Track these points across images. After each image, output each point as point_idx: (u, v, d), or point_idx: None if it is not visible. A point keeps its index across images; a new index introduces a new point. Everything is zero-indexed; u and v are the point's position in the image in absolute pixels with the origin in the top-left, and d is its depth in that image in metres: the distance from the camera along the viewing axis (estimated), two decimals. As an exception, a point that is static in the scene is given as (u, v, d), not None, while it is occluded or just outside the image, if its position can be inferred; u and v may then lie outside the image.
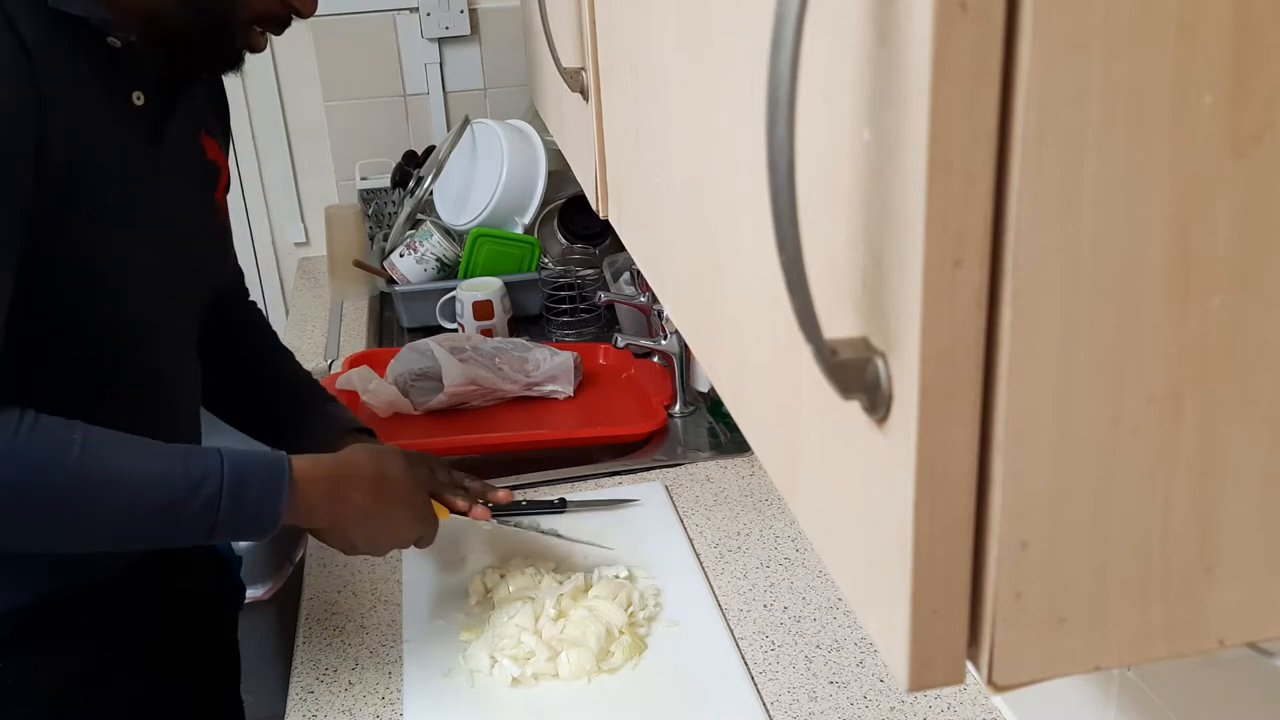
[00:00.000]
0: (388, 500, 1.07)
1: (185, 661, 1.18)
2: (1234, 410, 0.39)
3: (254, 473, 0.96)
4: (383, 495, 1.07)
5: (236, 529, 0.96)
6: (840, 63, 0.38)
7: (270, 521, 0.96)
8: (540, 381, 1.70)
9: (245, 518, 0.95)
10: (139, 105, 0.97)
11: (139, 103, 0.97)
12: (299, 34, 2.30)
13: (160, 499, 0.92)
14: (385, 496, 1.07)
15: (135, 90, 0.96)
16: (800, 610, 1.24)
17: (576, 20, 0.93)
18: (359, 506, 1.05)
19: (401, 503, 1.09)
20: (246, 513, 0.95)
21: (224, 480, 0.93)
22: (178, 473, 0.92)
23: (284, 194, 2.42)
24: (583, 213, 2.09)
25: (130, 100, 0.96)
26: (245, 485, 0.94)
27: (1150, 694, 0.86)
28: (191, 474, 0.92)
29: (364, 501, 1.05)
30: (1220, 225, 0.36)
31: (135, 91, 0.96)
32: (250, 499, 0.95)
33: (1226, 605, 0.41)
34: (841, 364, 0.39)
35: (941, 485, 0.38)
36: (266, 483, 0.97)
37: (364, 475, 1.06)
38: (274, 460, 0.99)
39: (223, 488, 0.93)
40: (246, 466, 0.96)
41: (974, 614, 0.40)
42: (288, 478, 0.98)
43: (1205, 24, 0.34)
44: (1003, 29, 0.33)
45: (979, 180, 0.35)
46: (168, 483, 0.92)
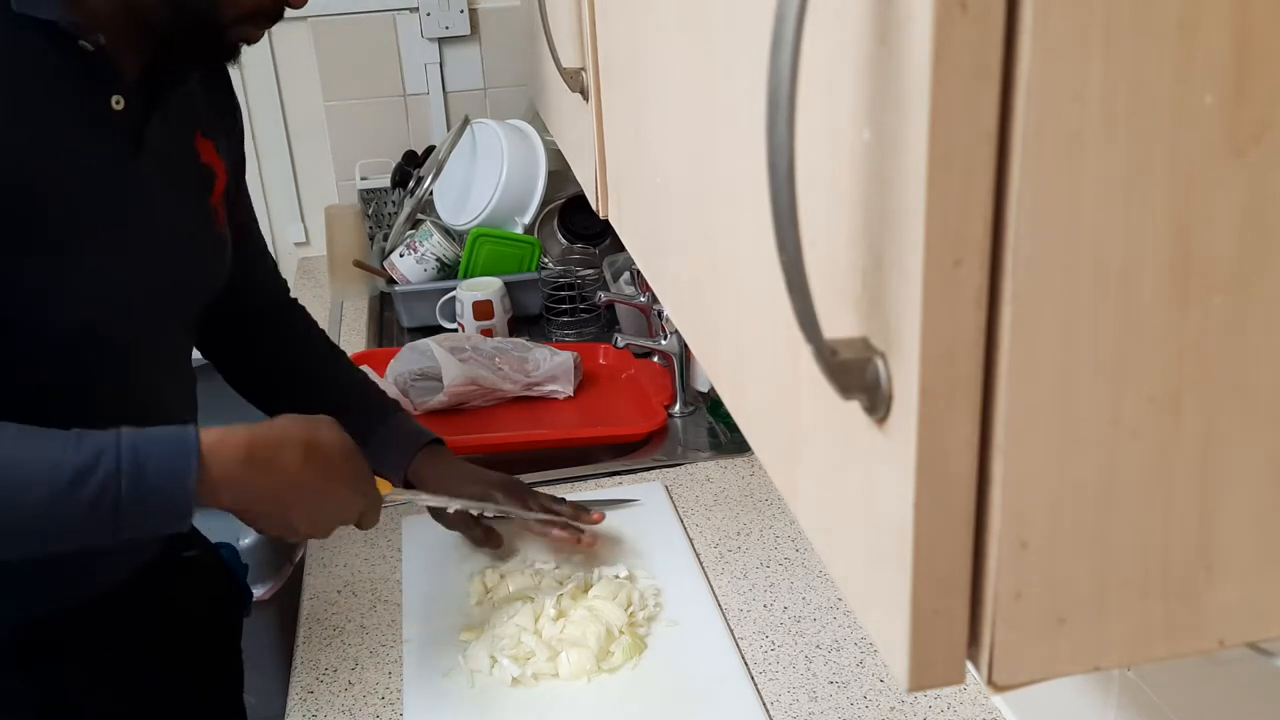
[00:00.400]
0: (320, 470, 0.95)
1: (185, 671, 1.17)
2: (1234, 410, 0.39)
3: (155, 449, 0.85)
4: (314, 464, 0.94)
5: (144, 516, 0.84)
6: (840, 62, 0.38)
7: (181, 502, 0.85)
8: (540, 381, 1.70)
9: (149, 502, 0.84)
10: (118, 109, 0.93)
11: (118, 107, 0.93)
12: (299, 34, 2.30)
13: (44, 487, 0.81)
14: (317, 466, 0.95)
15: (114, 94, 0.93)
16: (800, 610, 1.24)
17: (576, 20, 0.93)
18: (287, 478, 0.92)
19: (337, 473, 0.97)
20: (150, 496, 0.84)
21: (120, 460, 0.83)
22: (67, 456, 0.82)
23: (284, 194, 2.42)
24: (583, 212, 2.09)
25: (109, 105, 0.92)
26: (145, 464, 0.84)
27: (1150, 694, 0.86)
28: (83, 454, 0.82)
29: (293, 471, 0.92)
30: (1220, 225, 0.36)
31: (114, 96, 0.93)
32: (152, 479, 0.84)
33: (1226, 605, 0.41)
34: (841, 364, 0.39)
35: (941, 485, 0.38)
36: (171, 457, 0.85)
37: (289, 441, 0.93)
38: (176, 433, 0.87)
39: (120, 468, 0.83)
40: (146, 441, 0.85)
41: (974, 614, 0.40)
42: (194, 448, 0.86)
43: (1205, 24, 0.34)
44: (1003, 28, 0.33)
45: (979, 180, 0.35)
46: (54, 468, 0.82)
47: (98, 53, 0.89)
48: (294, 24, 2.30)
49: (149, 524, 0.86)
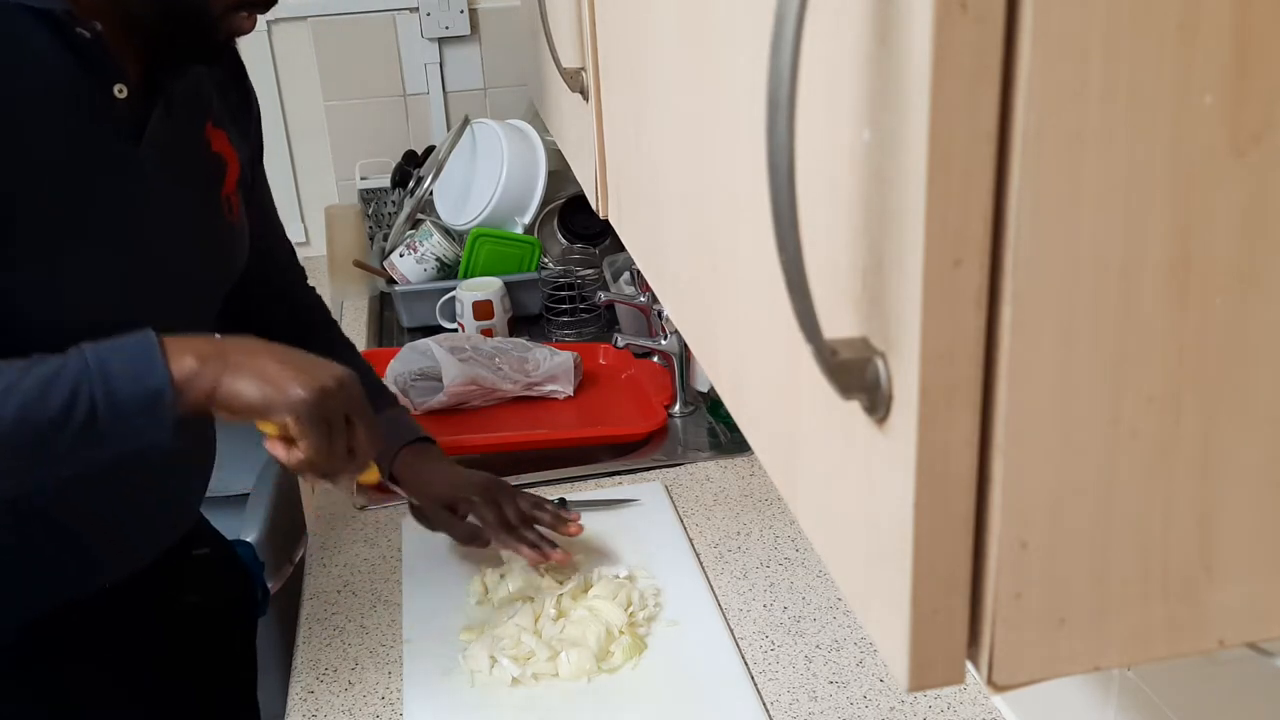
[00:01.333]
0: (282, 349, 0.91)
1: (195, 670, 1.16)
2: (1234, 410, 0.39)
3: (115, 350, 0.84)
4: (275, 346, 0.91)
5: (122, 415, 0.83)
6: (840, 62, 0.38)
7: (158, 382, 0.83)
8: (540, 381, 1.70)
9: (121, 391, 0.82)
10: (121, 98, 0.92)
11: (121, 95, 0.92)
12: (299, 34, 2.31)
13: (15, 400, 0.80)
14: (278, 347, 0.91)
15: (117, 83, 0.92)
16: (800, 610, 1.24)
17: (576, 20, 0.93)
18: (254, 348, 0.89)
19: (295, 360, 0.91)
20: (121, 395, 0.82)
21: (88, 362, 0.82)
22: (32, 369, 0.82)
23: (284, 194, 2.42)
24: (583, 212, 2.09)
25: (111, 93, 0.91)
26: (109, 361, 0.83)
27: (1150, 694, 0.86)
28: (49, 364, 0.82)
29: (257, 344, 0.90)
30: (1220, 225, 0.36)
31: (117, 84, 0.92)
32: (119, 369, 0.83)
33: (1226, 605, 0.41)
34: (841, 364, 0.39)
35: (941, 485, 0.38)
36: (132, 350, 0.84)
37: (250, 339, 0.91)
38: (135, 336, 0.86)
39: (88, 366, 0.82)
40: (108, 349, 0.84)
41: (974, 614, 0.40)
42: (153, 337, 0.85)
43: (1205, 23, 0.34)
44: (1003, 29, 0.33)
45: (979, 180, 0.35)
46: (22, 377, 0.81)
47: (95, 40, 0.89)
48: (294, 24, 2.30)
49: (133, 423, 0.84)
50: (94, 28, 0.88)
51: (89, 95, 0.90)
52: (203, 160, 1.05)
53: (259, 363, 0.88)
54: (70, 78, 0.89)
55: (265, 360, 0.88)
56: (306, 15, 2.29)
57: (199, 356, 0.86)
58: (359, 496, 1.48)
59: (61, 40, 0.87)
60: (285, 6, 2.27)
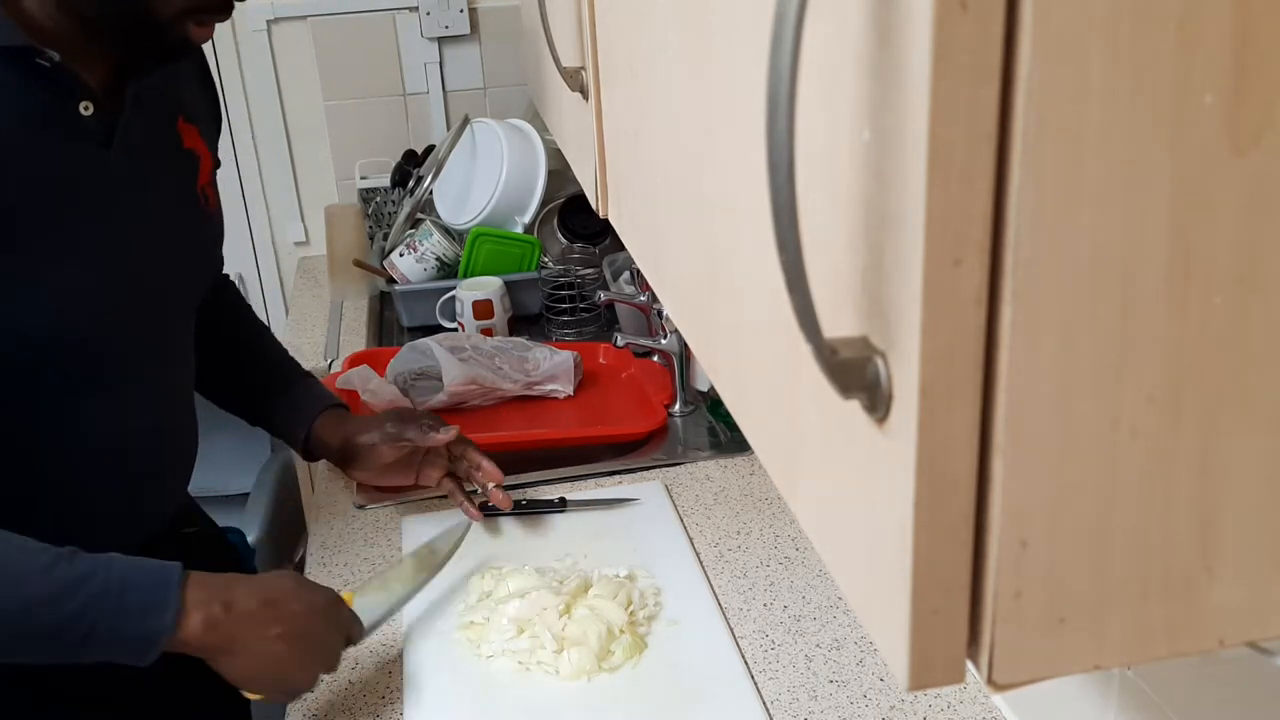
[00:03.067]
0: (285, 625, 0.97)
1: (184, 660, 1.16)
2: (1234, 410, 0.39)
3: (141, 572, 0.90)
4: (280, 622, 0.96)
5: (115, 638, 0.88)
6: (840, 62, 0.38)
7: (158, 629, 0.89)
8: (540, 381, 1.70)
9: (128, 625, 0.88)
10: (88, 115, 0.95)
11: (87, 112, 0.95)
12: (299, 33, 2.31)
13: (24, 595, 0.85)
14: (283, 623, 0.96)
15: (82, 101, 0.94)
16: (800, 609, 1.24)
17: (576, 19, 0.93)
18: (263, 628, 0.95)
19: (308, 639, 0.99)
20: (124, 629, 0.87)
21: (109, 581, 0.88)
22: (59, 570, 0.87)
23: (284, 193, 2.42)
24: (582, 212, 2.09)
25: (78, 112, 0.94)
26: (126, 588, 0.88)
27: (1150, 693, 0.86)
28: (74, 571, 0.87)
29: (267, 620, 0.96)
30: (1220, 224, 0.36)
31: (83, 103, 0.94)
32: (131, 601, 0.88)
33: (1226, 604, 0.41)
34: (841, 363, 0.39)
35: (941, 484, 0.38)
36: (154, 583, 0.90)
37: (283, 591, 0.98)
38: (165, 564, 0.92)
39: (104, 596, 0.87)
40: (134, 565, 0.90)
41: (974, 613, 0.40)
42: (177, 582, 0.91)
43: (1205, 23, 0.34)
44: (1003, 28, 0.33)
45: (979, 180, 0.35)
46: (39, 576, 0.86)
47: (55, 68, 0.91)
48: (294, 23, 2.30)
49: (115, 649, 0.89)
50: (52, 57, 0.90)
51: (57, 117, 0.93)
52: (176, 156, 1.07)
53: (263, 650, 0.95)
54: (37, 105, 0.91)
55: (275, 645, 0.95)
56: (306, 15, 2.29)
57: (208, 623, 0.91)
58: (359, 496, 1.48)
59: (23, 72, 0.90)
60: (285, 6, 2.28)
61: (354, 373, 1.69)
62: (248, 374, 1.31)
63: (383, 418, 1.31)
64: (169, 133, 1.06)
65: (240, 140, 2.36)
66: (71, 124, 0.94)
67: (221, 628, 0.92)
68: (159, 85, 1.03)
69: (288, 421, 1.30)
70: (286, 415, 1.30)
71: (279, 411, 1.30)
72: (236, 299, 1.36)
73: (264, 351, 1.34)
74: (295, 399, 1.31)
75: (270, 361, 1.34)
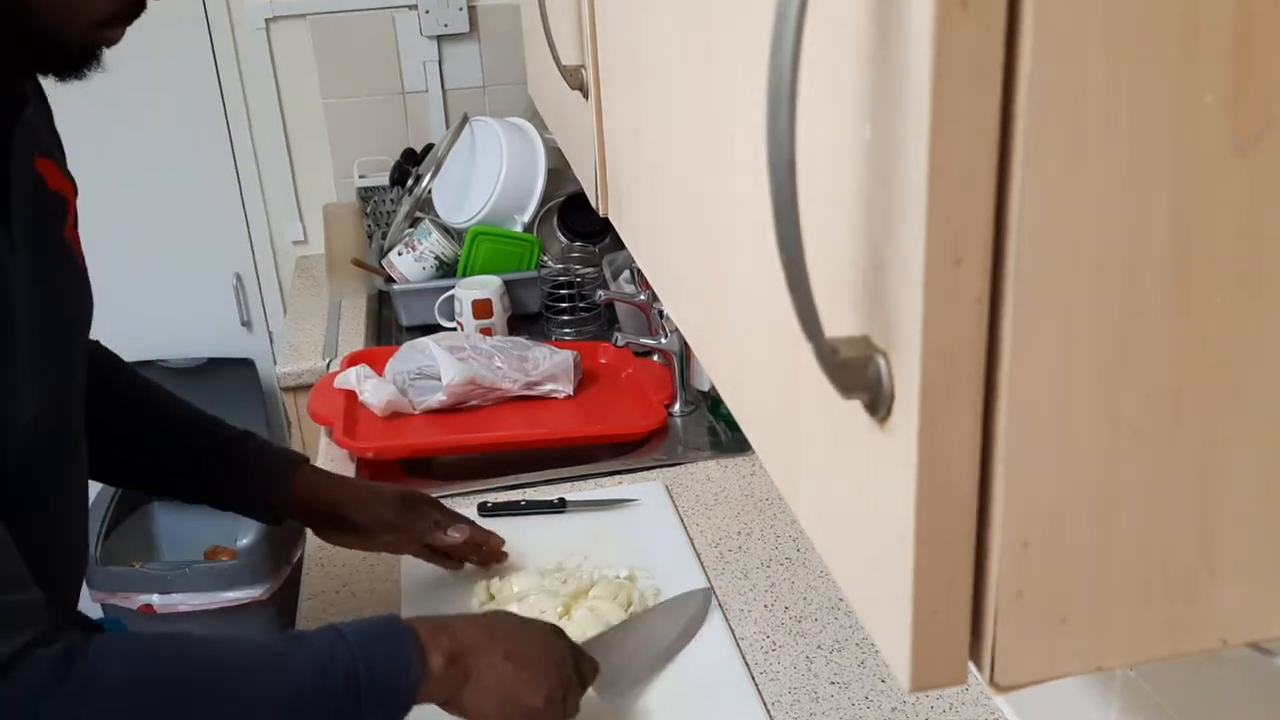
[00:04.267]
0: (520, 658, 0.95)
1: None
2: (1235, 409, 0.39)
3: (374, 632, 0.88)
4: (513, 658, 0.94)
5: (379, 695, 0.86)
6: (841, 60, 0.38)
7: (414, 679, 0.87)
8: (540, 380, 1.70)
9: (384, 680, 0.86)
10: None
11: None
12: (297, 32, 2.30)
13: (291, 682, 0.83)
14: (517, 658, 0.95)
15: None
16: (801, 610, 1.24)
17: (576, 17, 0.93)
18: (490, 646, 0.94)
19: (533, 662, 0.96)
20: (384, 675, 0.86)
21: (352, 647, 0.85)
22: (305, 652, 0.85)
23: (282, 192, 2.42)
24: (582, 211, 2.09)
25: None
26: (371, 644, 0.86)
27: (1152, 694, 0.86)
28: (318, 650, 0.85)
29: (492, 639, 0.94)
30: (1221, 224, 0.36)
31: None
32: (381, 655, 0.86)
33: (1228, 604, 0.41)
34: (842, 363, 0.39)
35: (942, 484, 0.38)
36: (389, 636, 0.88)
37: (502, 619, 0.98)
38: (388, 618, 0.91)
39: (353, 654, 0.85)
40: (363, 627, 0.88)
41: (975, 614, 0.40)
42: (409, 630, 0.90)
43: (1205, 23, 0.34)
44: (1004, 27, 0.33)
45: (980, 179, 0.34)
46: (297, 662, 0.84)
47: None
48: (292, 22, 2.30)
49: (385, 706, 0.87)
50: None
51: None
52: (45, 201, 0.91)
53: (494, 674, 0.93)
54: None
55: (503, 666, 0.93)
56: (305, 13, 2.29)
57: (447, 659, 0.90)
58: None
59: None
60: (284, 4, 2.28)
61: (352, 372, 1.69)
62: (172, 444, 1.13)
63: (385, 499, 1.19)
64: (33, 173, 0.90)
65: (239, 139, 2.36)
66: None
67: (457, 661, 0.91)
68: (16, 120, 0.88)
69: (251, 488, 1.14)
70: (243, 480, 1.14)
71: (233, 480, 1.13)
72: (116, 359, 1.15)
73: (181, 414, 1.15)
74: (249, 461, 1.14)
75: (195, 423, 1.15)
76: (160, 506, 2.34)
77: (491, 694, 0.92)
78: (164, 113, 2.31)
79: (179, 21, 2.23)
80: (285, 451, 1.19)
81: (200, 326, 2.44)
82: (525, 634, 0.97)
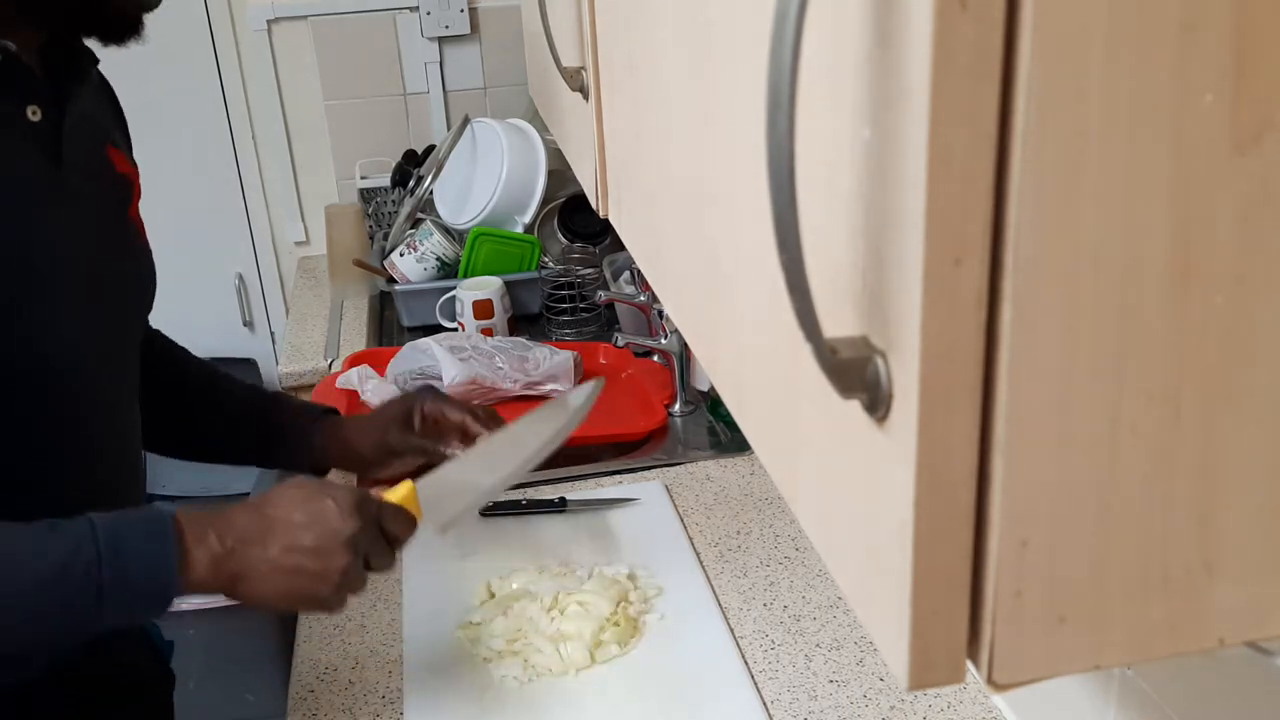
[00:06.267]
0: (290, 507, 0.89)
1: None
2: (1234, 409, 0.39)
3: (129, 526, 0.83)
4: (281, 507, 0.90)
5: (127, 596, 0.82)
6: (840, 61, 0.38)
7: (164, 575, 0.83)
8: (540, 380, 1.70)
9: (133, 579, 0.82)
10: (35, 121, 0.88)
11: (35, 118, 0.88)
12: (299, 33, 2.31)
13: (29, 578, 0.80)
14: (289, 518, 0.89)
15: (30, 105, 0.87)
16: (800, 609, 1.24)
17: (576, 19, 0.93)
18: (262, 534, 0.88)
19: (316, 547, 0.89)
20: (133, 573, 0.82)
21: (99, 542, 0.81)
22: (46, 547, 0.81)
23: (284, 193, 2.42)
24: (583, 212, 2.09)
25: (26, 116, 0.87)
26: (123, 540, 0.82)
27: (1150, 693, 0.86)
28: (63, 543, 0.81)
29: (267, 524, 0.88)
30: (1221, 224, 0.36)
31: (30, 106, 0.87)
32: (132, 553, 0.82)
33: (1227, 604, 0.41)
34: (841, 363, 0.39)
35: (941, 484, 0.38)
36: (147, 533, 0.84)
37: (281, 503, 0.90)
38: (149, 510, 0.87)
39: (99, 550, 0.81)
40: (120, 520, 0.84)
41: (974, 613, 0.40)
42: (169, 522, 0.85)
43: (1205, 23, 0.34)
44: (1003, 28, 0.33)
45: (979, 179, 0.35)
46: (37, 559, 0.80)
47: (8, 61, 0.85)
48: (294, 23, 2.30)
49: (134, 606, 0.84)
50: (7, 48, 0.85)
51: (8, 120, 0.87)
52: (113, 182, 1.00)
53: (270, 571, 0.87)
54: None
55: (282, 558, 0.87)
56: (306, 15, 2.29)
57: (212, 561, 0.85)
58: (359, 496, 1.48)
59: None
60: (285, 6, 2.28)
61: (354, 372, 1.69)
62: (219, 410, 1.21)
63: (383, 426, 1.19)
64: (104, 156, 0.99)
65: (240, 140, 2.36)
66: (22, 130, 0.87)
67: (224, 563, 0.86)
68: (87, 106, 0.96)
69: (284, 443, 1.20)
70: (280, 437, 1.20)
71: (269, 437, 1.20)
72: (170, 342, 1.23)
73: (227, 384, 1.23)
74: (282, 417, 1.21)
75: (236, 390, 1.23)
76: (163, 505, 2.34)
77: (270, 587, 0.88)
78: (166, 114, 2.31)
79: (181, 23, 2.23)
80: (313, 406, 1.25)
81: (202, 326, 2.43)
82: (307, 516, 0.89)
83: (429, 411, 1.19)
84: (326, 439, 1.19)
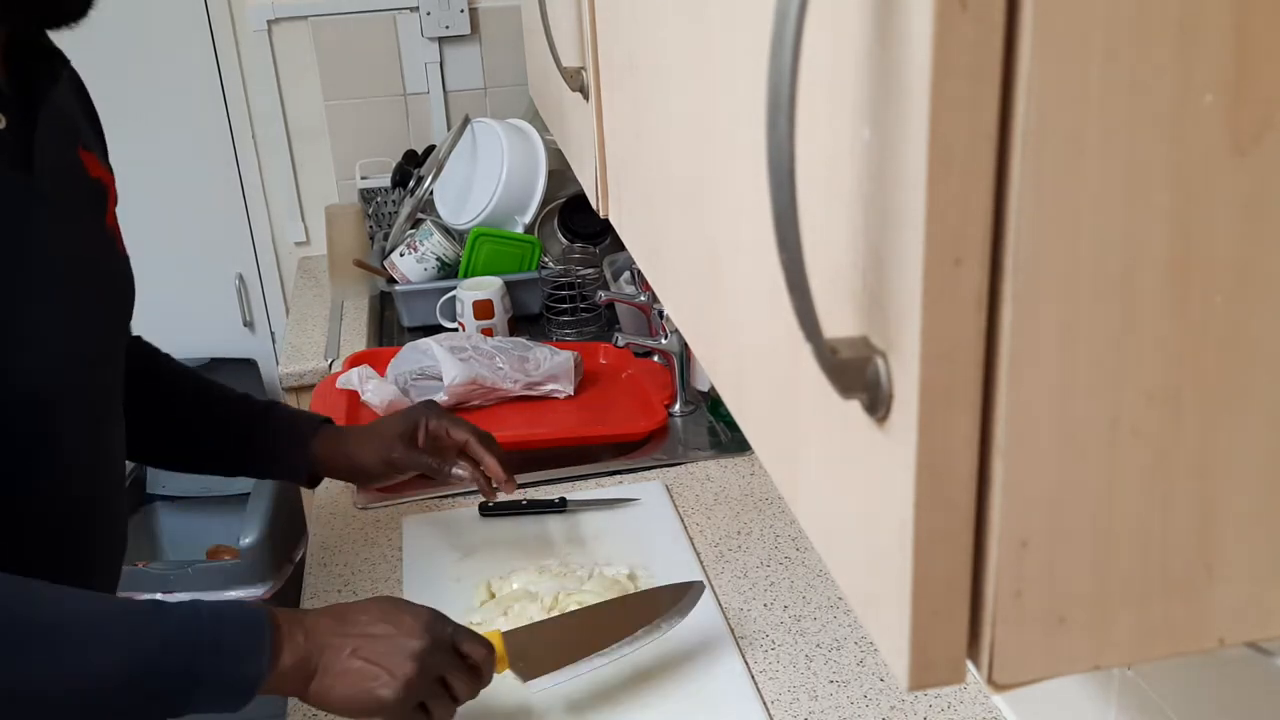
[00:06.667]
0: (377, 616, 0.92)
1: None
2: (1234, 409, 0.39)
3: (229, 619, 0.85)
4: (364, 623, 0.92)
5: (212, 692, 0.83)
6: (841, 61, 0.38)
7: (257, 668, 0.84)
8: (540, 381, 1.70)
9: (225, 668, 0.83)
10: (2, 129, 0.84)
11: (1, 126, 0.84)
12: (299, 33, 2.31)
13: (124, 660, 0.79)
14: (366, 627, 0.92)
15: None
16: (800, 609, 1.24)
17: (576, 19, 0.93)
18: (340, 642, 0.90)
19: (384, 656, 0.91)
20: (226, 662, 0.83)
21: (204, 627, 0.83)
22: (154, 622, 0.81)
23: (284, 193, 2.42)
24: (583, 212, 2.09)
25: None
26: (222, 633, 0.83)
27: (1150, 693, 0.86)
28: (168, 623, 0.82)
29: (345, 632, 0.90)
30: (1221, 224, 0.36)
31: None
32: (229, 645, 0.83)
33: (1227, 604, 0.41)
34: (841, 363, 0.39)
35: (941, 484, 0.38)
36: (244, 626, 0.85)
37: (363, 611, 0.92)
38: (253, 608, 0.88)
39: (203, 635, 0.82)
40: (220, 614, 0.85)
41: (974, 613, 0.40)
42: (263, 618, 0.87)
43: (1205, 24, 0.34)
44: (1003, 28, 0.33)
45: (979, 179, 0.35)
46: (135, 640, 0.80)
47: None
48: (294, 23, 2.30)
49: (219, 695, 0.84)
50: None
51: None
52: (86, 188, 0.95)
53: (342, 670, 0.89)
54: None
55: (349, 662, 0.89)
56: (307, 15, 2.29)
57: (295, 658, 0.87)
58: (359, 497, 1.48)
59: None
60: (285, 6, 2.28)
61: (354, 373, 1.69)
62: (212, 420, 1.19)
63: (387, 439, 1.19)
64: (76, 160, 0.94)
65: (240, 140, 2.36)
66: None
67: (305, 664, 0.88)
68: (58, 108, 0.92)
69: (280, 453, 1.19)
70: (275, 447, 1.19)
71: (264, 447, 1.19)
72: (154, 350, 1.22)
73: (217, 393, 1.21)
74: (276, 429, 1.19)
75: (229, 400, 1.20)
76: (163, 506, 2.35)
77: (338, 690, 0.89)
78: (166, 114, 2.31)
79: (181, 23, 2.23)
80: (309, 415, 1.23)
81: (202, 327, 2.44)
82: (383, 626, 0.92)
83: (433, 429, 1.20)
84: (325, 449, 1.19)
